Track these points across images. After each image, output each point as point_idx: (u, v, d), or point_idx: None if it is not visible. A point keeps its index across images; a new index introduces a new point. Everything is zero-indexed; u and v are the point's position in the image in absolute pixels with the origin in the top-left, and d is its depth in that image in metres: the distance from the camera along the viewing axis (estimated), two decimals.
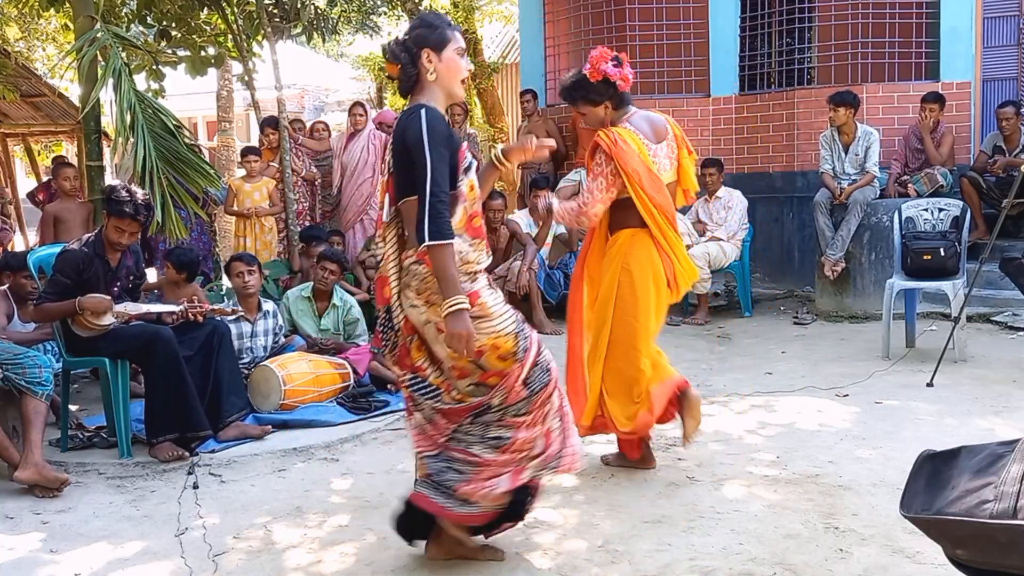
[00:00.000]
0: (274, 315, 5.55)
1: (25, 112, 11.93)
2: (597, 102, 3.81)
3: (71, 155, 14.33)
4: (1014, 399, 4.81)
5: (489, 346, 2.81)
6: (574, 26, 9.31)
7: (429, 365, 2.88)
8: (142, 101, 5.87)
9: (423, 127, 2.77)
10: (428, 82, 2.90)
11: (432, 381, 2.88)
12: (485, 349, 2.81)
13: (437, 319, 2.79)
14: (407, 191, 2.83)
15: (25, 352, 4.08)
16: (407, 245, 2.87)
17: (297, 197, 7.87)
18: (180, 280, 5.48)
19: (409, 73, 2.89)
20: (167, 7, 7.76)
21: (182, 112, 13.66)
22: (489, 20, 16.61)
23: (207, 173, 6.11)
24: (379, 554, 3.18)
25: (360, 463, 4.25)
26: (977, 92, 8.10)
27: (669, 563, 3.01)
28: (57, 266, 4.39)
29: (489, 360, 2.83)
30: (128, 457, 4.35)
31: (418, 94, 2.91)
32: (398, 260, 2.89)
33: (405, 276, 2.85)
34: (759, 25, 8.71)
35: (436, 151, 2.76)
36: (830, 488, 3.63)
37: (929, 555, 2.91)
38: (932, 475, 1.90)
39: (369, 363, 5.51)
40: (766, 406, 4.88)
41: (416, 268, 2.81)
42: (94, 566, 3.20)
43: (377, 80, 15.94)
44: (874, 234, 7.06)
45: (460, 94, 3.01)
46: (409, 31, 2.93)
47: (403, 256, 2.87)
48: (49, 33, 14.41)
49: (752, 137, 8.78)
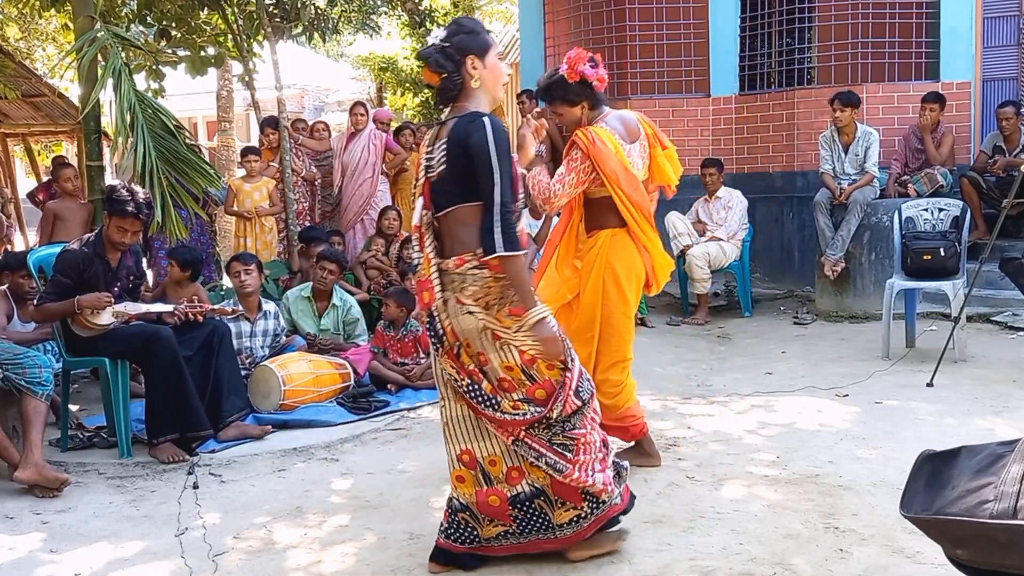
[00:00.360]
0: (275, 316, 5.55)
1: (25, 112, 11.92)
2: (575, 102, 3.86)
3: (71, 155, 14.33)
4: (1014, 399, 4.81)
5: (544, 352, 2.83)
6: (574, 26, 9.31)
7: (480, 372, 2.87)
8: (142, 101, 5.87)
9: (490, 136, 2.75)
10: (473, 89, 2.88)
11: (487, 388, 2.85)
12: (539, 356, 2.82)
13: (495, 325, 2.80)
14: (461, 198, 2.82)
15: (25, 352, 4.08)
16: (453, 251, 2.85)
17: (297, 197, 7.87)
18: (184, 279, 5.47)
19: (454, 81, 2.87)
20: (167, 7, 7.76)
21: (182, 112, 13.69)
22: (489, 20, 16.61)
23: (207, 173, 6.11)
24: (379, 554, 3.18)
25: (360, 463, 4.25)
26: (977, 92, 8.10)
27: (669, 563, 3.01)
28: (57, 266, 4.39)
29: (539, 369, 2.84)
30: (128, 457, 4.35)
31: (463, 101, 2.89)
32: (439, 265, 2.87)
33: (456, 281, 2.83)
34: (759, 25, 8.71)
35: (504, 161, 2.76)
36: (830, 488, 3.63)
37: (929, 555, 2.91)
38: (932, 475, 1.90)
39: (369, 363, 5.51)
40: (766, 406, 4.88)
41: (476, 272, 2.80)
42: (94, 566, 3.20)
43: (377, 80, 15.95)
44: (874, 234, 7.06)
45: (501, 98, 3.03)
46: (449, 38, 2.88)
47: (452, 262, 2.84)
48: (49, 33, 14.42)
49: (752, 137, 8.78)
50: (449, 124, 2.87)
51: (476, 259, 2.80)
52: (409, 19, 12.88)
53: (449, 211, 2.86)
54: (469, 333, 2.84)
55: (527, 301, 2.79)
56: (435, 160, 2.87)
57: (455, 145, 2.81)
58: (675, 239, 7.45)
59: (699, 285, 7.34)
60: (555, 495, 2.93)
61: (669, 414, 4.79)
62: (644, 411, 3.98)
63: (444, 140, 2.85)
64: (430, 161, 2.90)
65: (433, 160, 2.88)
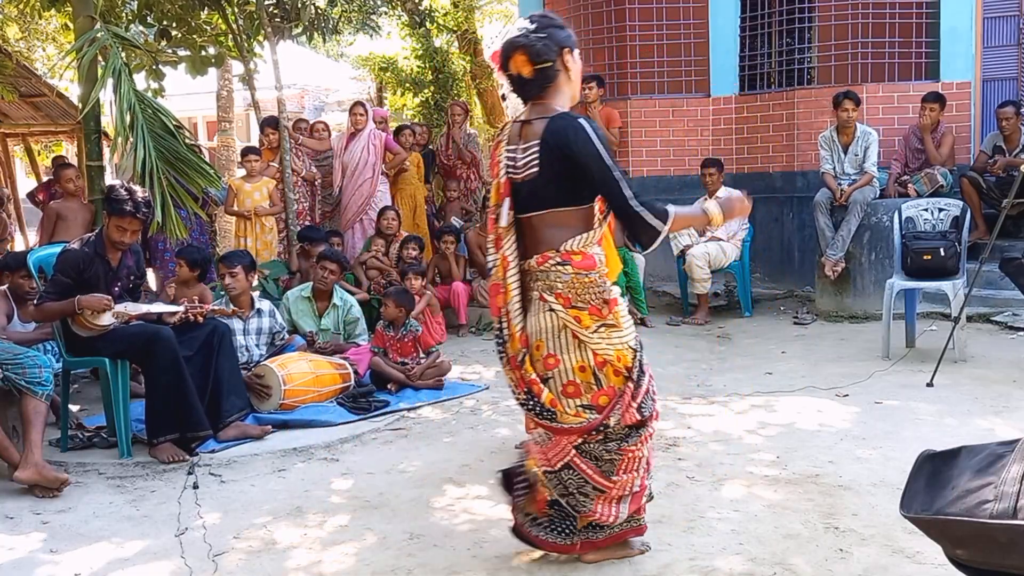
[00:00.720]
0: (271, 314, 5.51)
1: (25, 112, 11.92)
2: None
3: (71, 155, 14.33)
4: (1014, 399, 4.81)
5: (614, 358, 2.80)
6: (574, 26, 9.24)
7: (542, 381, 2.83)
8: (142, 101, 5.87)
9: (594, 139, 2.71)
10: (560, 84, 2.82)
11: (545, 400, 2.82)
12: (610, 359, 2.80)
13: (575, 325, 2.77)
14: (554, 202, 2.78)
15: (25, 352, 4.08)
16: (536, 249, 2.82)
17: (297, 197, 7.87)
18: (192, 278, 5.46)
19: (550, 74, 2.79)
20: (167, 7, 7.75)
21: (182, 112, 13.68)
22: (489, 20, 16.61)
23: (207, 173, 6.11)
24: (379, 554, 3.18)
25: (360, 463, 4.25)
26: (977, 92, 8.10)
27: (669, 563, 3.01)
28: (58, 266, 4.39)
29: (607, 374, 2.81)
30: (128, 457, 4.35)
31: (547, 98, 2.83)
32: (521, 266, 2.83)
33: (540, 279, 2.81)
34: (759, 25, 8.71)
35: (614, 162, 2.74)
36: (830, 488, 3.63)
37: (929, 555, 2.91)
38: (932, 475, 1.91)
39: (369, 363, 5.51)
40: (766, 406, 4.88)
41: (560, 269, 2.77)
42: (94, 566, 3.20)
43: (377, 80, 15.93)
44: (874, 234, 7.06)
45: (578, 95, 2.99)
46: (541, 29, 2.79)
47: (535, 260, 2.81)
48: (49, 33, 14.40)
49: (752, 137, 8.78)
50: (538, 124, 2.79)
51: (559, 255, 2.78)
52: (409, 19, 12.86)
53: (539, 214, 2.81)
54: (544, 332, 2.81)
55: (699, 219, 2.98)
56: (521, 161, 2.80)
57: (552, 149, 2.74)
58: (675, 239, 7.45)
59: (699, 285, 7.34)
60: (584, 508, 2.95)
61: (669, 414, 4.79)
62: None
63: (535, 142, 2.78)
64: (513, 162, 2.83)
65: (518, 161, 2.81)
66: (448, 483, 3.89)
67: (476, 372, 5.98)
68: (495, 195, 2.87)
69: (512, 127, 2.90)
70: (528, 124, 2.82)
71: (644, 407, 2.86)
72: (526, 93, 2.85)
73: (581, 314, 2.77)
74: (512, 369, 2.87)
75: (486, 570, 3.02)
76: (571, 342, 2.79)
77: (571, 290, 2.77)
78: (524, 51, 2.78)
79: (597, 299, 2.79)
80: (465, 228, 8.20)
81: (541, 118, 2.80)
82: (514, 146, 2.84)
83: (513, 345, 2.84)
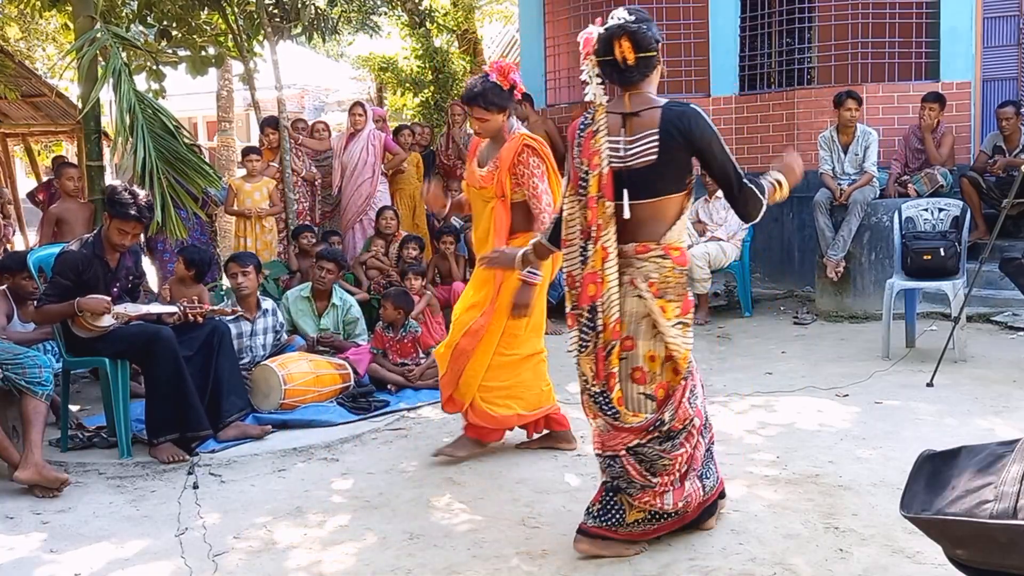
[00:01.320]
0: (273, 313, 5.54)
1: (25, 112, 11.91)
2: (503, 109, 3.95)
3: (71, 155, 14.33)
4: (1014, 399, 4.81)
5: (681, 355, 2.96)
6: (574, 26, 9.31)
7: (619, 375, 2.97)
8: (142, 101, 5.87)
9: (710, 122, 2.90)
10: (656, 75, 3.00)
11: (614, 399, 2.95)
12: (677, 356, 2.95)
13: (659, 315, 2.91)
14: (666, 189, 2.92)
15: (25, 352, 4.08)
16: (635, 237, 2.95)
17: (297, 197, 7.87)
18: (188, 277, 5.47)
19: (652, 63, 2.96)
20: (167, 7, 7.76)
21: (182, 112, 13.68)
22: (489, 20, 16.61)
23: (206, 173, 6.11)
24: (379, 554, 3.18)
25: (360, 463, 4.25)
26: (977, 92, 8.10)
27: (669, 563, 3.02)
28: (57, 267, 4.38)
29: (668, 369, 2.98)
30: (128, 457, 4.35)
31: (643, 87, 2.98)
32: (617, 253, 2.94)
33: (635, 267, 2.95)
34: (759, 25, 8.71)
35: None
36: (830, 488, 3.63)
37: (929, 555, 2.91)
38: (932, 475, 1.91)
39: (369, 363, 5.51)
40: (766, 406, 4.88)
41: (660, 261, 2.94)
42: (94, 566, 3.20)
43: (377, 80, 15.93)
44: (874, 234, 7.06)
45: None
46: (643, 21, 2.96)
47: (633, 247, 2.95)
48: (49, 33, 14.41)
49: (752, 137, 8.78)
50: (647, 114, 2.92)
51: (660, 248, 2.94)
52: (409, 19, 12.87)
53: (650, 201, 2.93)
54: (627, 316, 2.95)
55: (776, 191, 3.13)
56: (637, 149, 2.90)
57: (673, 136, 2.87)
58: None
59: (699, 285, 7.33)
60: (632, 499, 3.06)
61: None
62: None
63: (652, 131, 2.89)
64: (620, 150, 2.92)
65: (633, 149, 2.91)
66: (448, 483, 3.90)
67: None
68: (596, 185, 2.93)
69: (611, 118, 2.97)
70: (636, 115, 2.93)
71: (694, 399, 3.03)
72: (624, 79, 2.97)
73: (667, 305, 2.94)
74: (596, 360, 2.96)
75: (486, 570, 3.03)
76: (649, 330, 2.94)
77: (663, 282, 2.94)
78: (631, 38, 2.91)
79: (682, 295, 2.97)
80: (465, 228, 8.20)
81: (650, 107, 2.93)
82: (617, 136, 2.95)
83: (607, 335, 2.93)
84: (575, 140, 3.03)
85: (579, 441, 4.27)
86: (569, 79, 9.35)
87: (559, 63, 9.52)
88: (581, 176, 2.98)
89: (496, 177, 3.96)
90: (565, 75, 9.42)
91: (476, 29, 15.13)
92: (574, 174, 3.02)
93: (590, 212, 2.94)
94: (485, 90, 3.90)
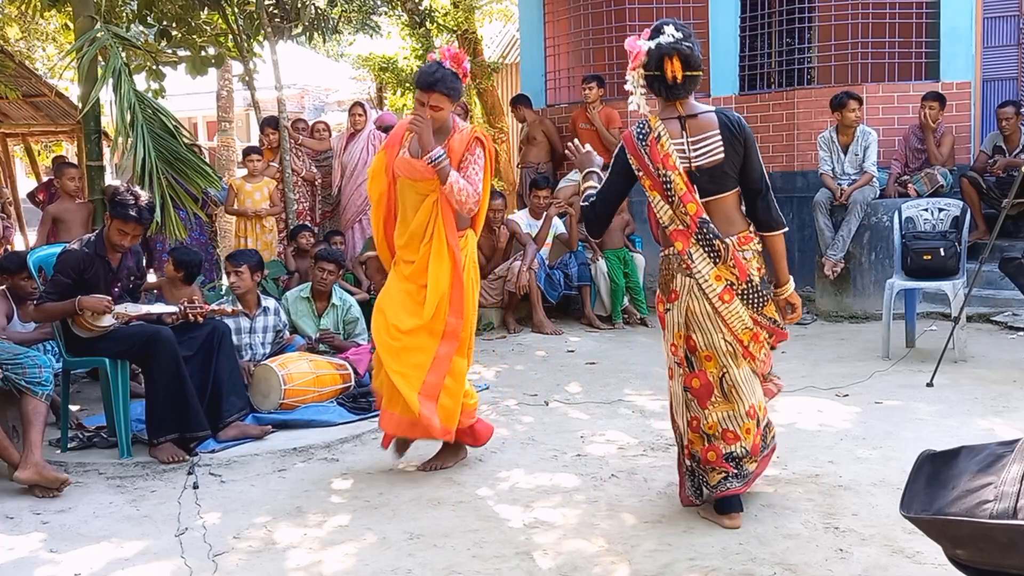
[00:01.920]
0: (275, 312, 5.54)
1: (25, 112, 11.91)
2: (458, 98, 3.89)
3: (71, 155, 14.33)
4: (1014, 399, 4.81)
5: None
6: (574, 26, 9.31)
7: None
8: (142, 101, 5.87)
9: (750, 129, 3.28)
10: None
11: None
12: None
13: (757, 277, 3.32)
14: (730, 185, 3.26)
15: (25, 352, 4.08)
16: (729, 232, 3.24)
17: (297, 197, 7.87)
18: (177, 279, 5.48)
19: (698, 80, 3.22)
20: (167, 7, 7.76)
21: (182, 112, 13.67)
22: (489, 20, 16.59)
23: (206, 173, 6.11)
24: (379, 554, 3.18)
25: (360, 463, 4.25)
26: (977, 92, 8.10)
27: (669, 563, 3.01)
28: (58, 266, 4.39)
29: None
30: (128, 457, 4.35)
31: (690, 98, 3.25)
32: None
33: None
34: (759, 25, 8.70)
35: None
36: (830, 488, 3.63)
37: (929, 555, 2.91)
38: (932, 475, 1.91)
39: (369, 363, 5.51)
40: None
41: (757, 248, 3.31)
42: (94, 566, 3.20)
43: (377, 80, 15.93)
44: (874, 234, 7.05)
45: None
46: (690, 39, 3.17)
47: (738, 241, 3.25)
48: (49, 33, 14.41)
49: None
50: (705, 117, 3.22)
51: (755, 235, 3.31)
52: (409, 19, 12.87)
53: (720, 197, 3.24)
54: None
55: (784, 271, 3.38)
56: (699, 151, 3.19)
57: (733, 136, 3.20)
58: None
59: None
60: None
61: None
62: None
63: (713, 132, 3.19)
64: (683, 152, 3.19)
65: (700, 150, 3.19)
66: (448, 483, 3.90)
67: (476, 372, 5.97)
68: (682, 183, 3.19)
69: (670, 123, 3.22)
70: (694, 118, 3.21)
71: None
72: (671, 94, 3.21)
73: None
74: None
75: (486, 570, 3.03)
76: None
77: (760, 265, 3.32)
78: (682, 57, 3.13)
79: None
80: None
81: (704, 112, 3.24)
82: (680, 139, 3.20)
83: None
84: (638, 149, 3.23)
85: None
86: (569, 79, 9.34)
87: (559, 63, 9.52)
88: (663, 181, 3.19)
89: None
90: (565, 75, 9.42)
91: (476, 29, 15.12)
92: (657, 181, 3.22)
93: (693, 205, 3.19)
94: (445, 76, 3.76)
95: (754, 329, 3.27)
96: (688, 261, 3.21)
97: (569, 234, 7.57)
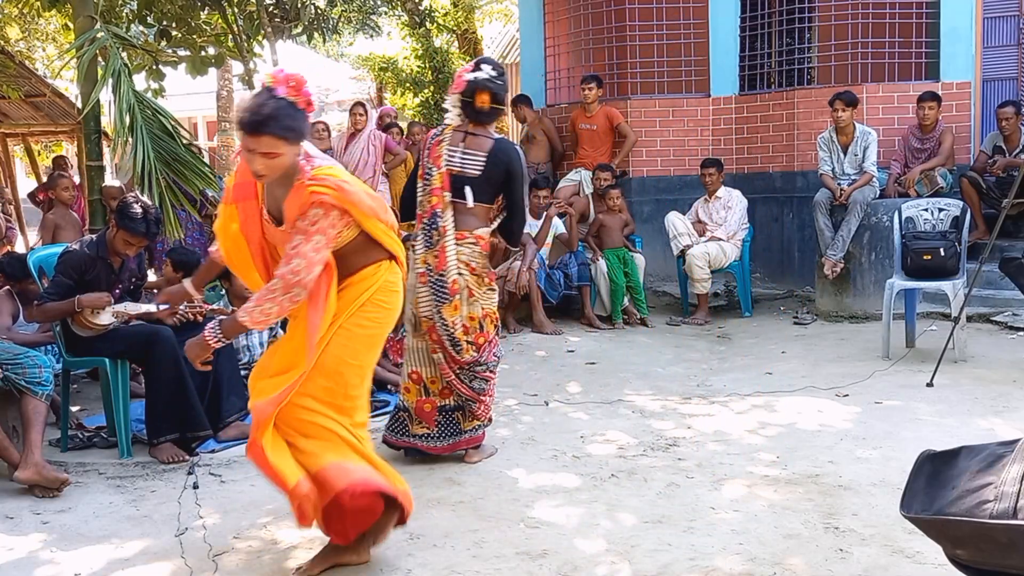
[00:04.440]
0: None
1: (25, 112, 11.92)
2: (300, 138, 2.81)
3: (71, 155, 14.34)
4: (1014, 399, 4.81)
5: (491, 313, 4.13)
6: (574, 26, 9.31)
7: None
8: (141, 102, 5.86)
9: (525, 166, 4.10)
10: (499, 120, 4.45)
11: (458, 336, 3.97)
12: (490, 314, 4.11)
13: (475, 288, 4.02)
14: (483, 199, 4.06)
15: (25, 352, 4.08)
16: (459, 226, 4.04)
17: None
18: (176, 279, 5.47)
19: (500, 113, 4.06)
20: (167, 7, 7.76)
21: (182, 112, 13.69)
22: (489, 20, 16.61)
23: (204, 175, 6.11)
24: (379, 554, 3.18)
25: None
26: (977, 92, 8.10)
27: (669, 563, 3.01)
28: (59, 267, 4.39)
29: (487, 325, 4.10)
30: (128, 457, 4.35)
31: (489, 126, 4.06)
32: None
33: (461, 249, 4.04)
34: (759, 25, 8.71)
35: None
36: (830, 488, 3.63)
37: (929, 555, 2.91)
38: (932, 475, 1.91)
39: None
40: (766, 406, 4.88)
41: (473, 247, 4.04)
42: (94, 566, 3.20)
43: (377, 80, 15.94)
44: (874, 234, 7.05)
45: None
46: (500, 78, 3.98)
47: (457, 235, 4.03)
48: (49, 33, 14.42)
49: (752, 137, 8.77)
50: (487, 141, 4.01)
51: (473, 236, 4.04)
52: (409, 19, 12.88)
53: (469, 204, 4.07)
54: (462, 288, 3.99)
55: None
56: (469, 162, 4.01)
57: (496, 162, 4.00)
58: (675, 239, 7.46)
59: (699, 285, 7.34)
60: (469, 412, 4.08)
61: (669, 414, 4.79)
62: None
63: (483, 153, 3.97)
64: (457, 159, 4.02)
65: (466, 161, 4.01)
66: (448, 483, 3.89)
67: None
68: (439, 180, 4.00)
69: (457, 134, 4.01)
70: (474, 136, 3.97)
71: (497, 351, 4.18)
72: (476, 118, 3.96)
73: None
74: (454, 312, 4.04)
75: (486, 570, 3.03)
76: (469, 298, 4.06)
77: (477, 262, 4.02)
78: (491, 93, 3.91)
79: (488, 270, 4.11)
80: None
81: (488, 137, 3.99)
82: (456, 148, 4.00)
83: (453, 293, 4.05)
84: (425, 146, 4.05)
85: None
86: (569, 79, 9.35)
87: (559, 63, 9.52)
88: (427, 173, 3.98)
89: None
90: (565, 75, 9.42)
91: (476, 29, 15.13)
92: (423, 172, 4.01)
93: (434, 199, 3.93)
94: (279, 112, 2.71)
95: (432, 320, 3.92)
96: (413, 240, 3.96)
97: (569, 234, 7.56)
